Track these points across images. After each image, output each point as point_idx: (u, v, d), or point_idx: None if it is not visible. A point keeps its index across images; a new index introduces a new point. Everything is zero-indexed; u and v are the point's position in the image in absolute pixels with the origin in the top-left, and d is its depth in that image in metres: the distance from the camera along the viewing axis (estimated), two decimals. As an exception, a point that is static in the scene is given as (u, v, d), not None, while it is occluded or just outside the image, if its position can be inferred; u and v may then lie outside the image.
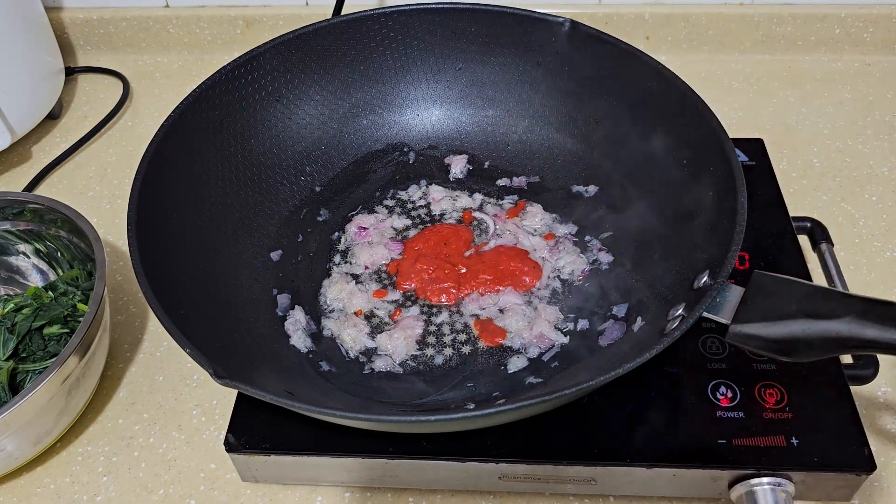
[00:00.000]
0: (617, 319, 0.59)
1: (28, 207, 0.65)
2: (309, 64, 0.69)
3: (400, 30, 0.70)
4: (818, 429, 0.52)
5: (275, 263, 0.65)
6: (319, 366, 0.58)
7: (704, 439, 0.52)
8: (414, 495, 0.56)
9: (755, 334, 0.46)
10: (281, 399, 0.43)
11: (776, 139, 0.82)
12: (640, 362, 0.43)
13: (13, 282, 0.69)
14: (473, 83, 0.73)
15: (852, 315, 0.43)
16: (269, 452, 0.53)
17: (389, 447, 0.52)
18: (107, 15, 0.99)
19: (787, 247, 0.63)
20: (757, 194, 0.67)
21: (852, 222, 0.74)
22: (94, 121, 0.91)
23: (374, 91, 0.73)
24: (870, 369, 0.57)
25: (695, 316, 0.45)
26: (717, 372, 0.55)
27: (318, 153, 0.71)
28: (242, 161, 0.66)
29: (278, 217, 0.68)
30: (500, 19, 0.69)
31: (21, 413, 0.53)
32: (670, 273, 0.56)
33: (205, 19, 0.98)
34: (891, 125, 0.84)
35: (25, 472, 0.59)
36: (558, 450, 0.52)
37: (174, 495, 0.57)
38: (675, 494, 0.54)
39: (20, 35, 0.84)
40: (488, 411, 0.42)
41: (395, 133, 0.74)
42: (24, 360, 0.61)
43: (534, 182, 0.71)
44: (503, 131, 0.73)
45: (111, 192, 0.83)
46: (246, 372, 0.52)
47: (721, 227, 0.51)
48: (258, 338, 0.58)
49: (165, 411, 0.63)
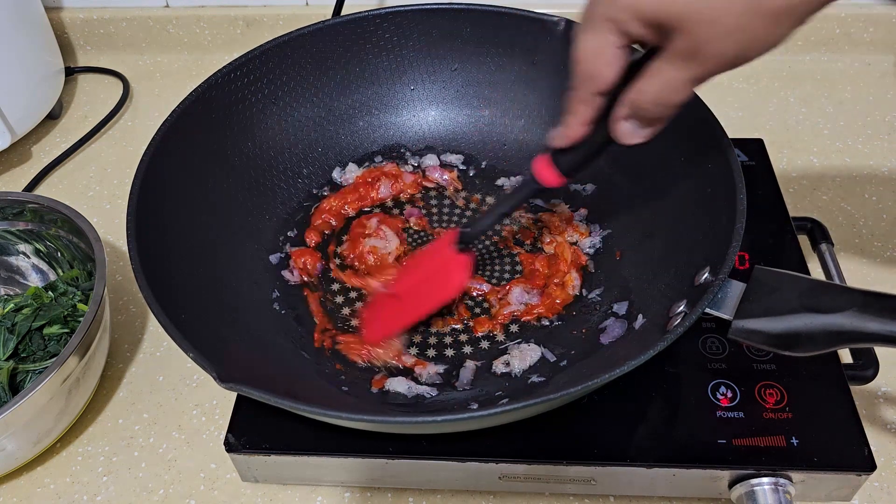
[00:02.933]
0: (618, 317, 0.59)
1: (28, 207, 0.65)
2: (305, 66, 0.69)
3: (395, 31, 0.70)
4: (818, 429, 0.52)
5: (274, 266, 0.65)
6: (319, 366, 0.58)
7: (704, 439, 0.52)
8: (414, 495, 0.56)
9: (758, 329, 0.46)
10: (285, 402, 0.43)
11: (776, 139, 0.82)
12: (645, 359, 0.44)
13: (13, 282, 0.69)
14: (469, 83, 0.73)
15: (854, 309, 0.43)
16: (269, 452, 0.53)
17: (389, 447, 0.52)
18: (107, 15, 0.99)
19: (787, 247, 0.63)
20: (757, 194, 0.67)
21: (852, 222, 0.74)
22: (94, 121, 0.91)
23: (370, 92, 0.73)
24: (870, 369, 0.57)
25: (697, 312, 0.46)
26: (717, 372, 0.56)
27: (314, 155, 0.71)
28: (240, 163, 0.66)
29: (276, 219, 0.68)
30: (496, 19, 0.69)
31: (21, 413, 0.53)
32: (670, 270, 0.56)
33: (205, 19, 0.98)
34: (891, 125, 0.84)
35: (25, 472, 0.59)
36: (558, 450, 0.52)
37: (174, 495, 0.57)
38: (675, 494, 0.54)
39: (20, 35, 0.83)
40: (493, 411, 0.42)
41: (391, 134, 0.74)
42: (24, 360, 0.61)
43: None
44: (500, 131, 0.73)
45: (111, 192, 0.83)
46: (247, 374, 0.52)
47: (721, 225, 0.51)
48: (258, 339, 0.58)
49: (165, 411, 0.63)
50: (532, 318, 0.60)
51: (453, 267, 0.56)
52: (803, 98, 0.89)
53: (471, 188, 0.72)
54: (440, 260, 0.57)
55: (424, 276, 0.59)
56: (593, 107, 0.44)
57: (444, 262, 0.57)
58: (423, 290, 0.58)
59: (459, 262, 0.56)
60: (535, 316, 0.60)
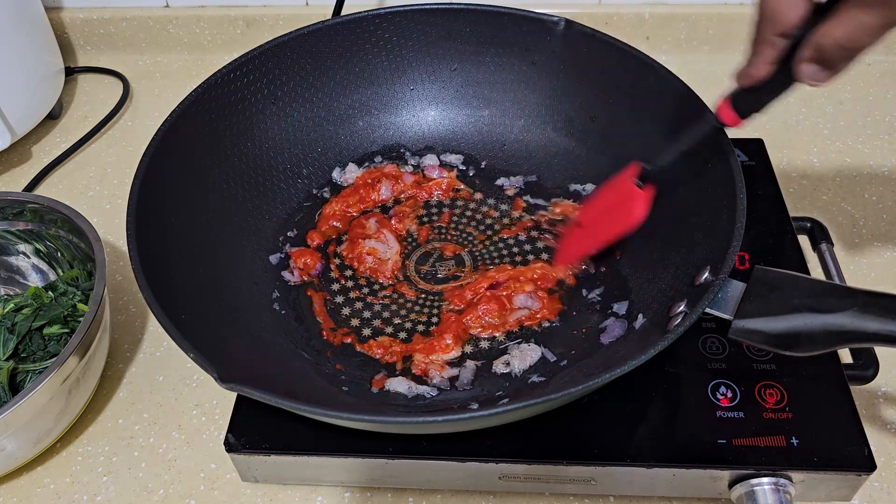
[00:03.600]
0: (618, 317, 0.59)
1: (28, 207, 0.65)
2: (304, 66, 0.69)
3: (395, 31, 0.70)
4: (818, 429, 0.52)
5: (274, 266, 0.65)
6: (319, 366, 0.58)
7: (704, 439, 0.52)
8: (414, 495, 0.56)
9: (758, 329, 0.46)
10: (285, 402, 0.43)
11: (776, 139, 0.82)
12: (645, 359, 0.44)
13: (13, 282, 0.69)
14: (469, 83, 0.73)
15: (854, 309, 0.44)
16: (269, 452, 0.53)
17: (389, 447, 0.52)
18: (107, 15, 0.99)
19: (787, 247, 0.63)
20: (757, 194, 0.67)
21: (852, 222, 0.74)
22: (94, 121, 0.91)
23: (370, 92, 0.73)
24: (870, 369, 0.57)
25: (698, 311, 0.46)
26: (717, 372, 0.55)
27: (314, 155, 0.71)
28: (240, 163, 0.66)
29: (276, 219, 0.68)
30: (495, 19, 0.69)
31: (21, 413, 0.53)
32: (670, 270, 0.57)
33: (205, 19, 0.98)
34: (891, 125, 0.84)
35: (25, 472, 0.59)
36: (558, 450, 0.52)
37: (174, 495, 0.57)
38: (675, 494, 0.54)
39: (20, 35, 0.83)
40: (493, 411, 0.42)
41: (391, 134, 0.74)
42: (24, 360, 0.61)
43: (531, 181, 0.71)
44: (499, 131, 0.73)
45: (111, 192, 0.83)
46: (247, 374, 0.52)
47: (721, 225, 0.51)
48: (258, 339, 0.58)
49: (165, 411, 0.63)
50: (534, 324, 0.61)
51: (633, 199, 0.57)
52: (803, 98, 0.89)
53: (470, 189, 0.72)
54: (621, 192, 0.59)
55: (606, 206, 0.61)
56: (776, 47, 0.44)
57: (624, 194, 0.58)
58: (604, 220, 0.61)
59: (639, 195, 0.57)
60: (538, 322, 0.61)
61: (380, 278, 0.65)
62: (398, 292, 0.64)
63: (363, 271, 0.65)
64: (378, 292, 0.64)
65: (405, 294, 0.64)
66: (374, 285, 0.64)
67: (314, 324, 0.61)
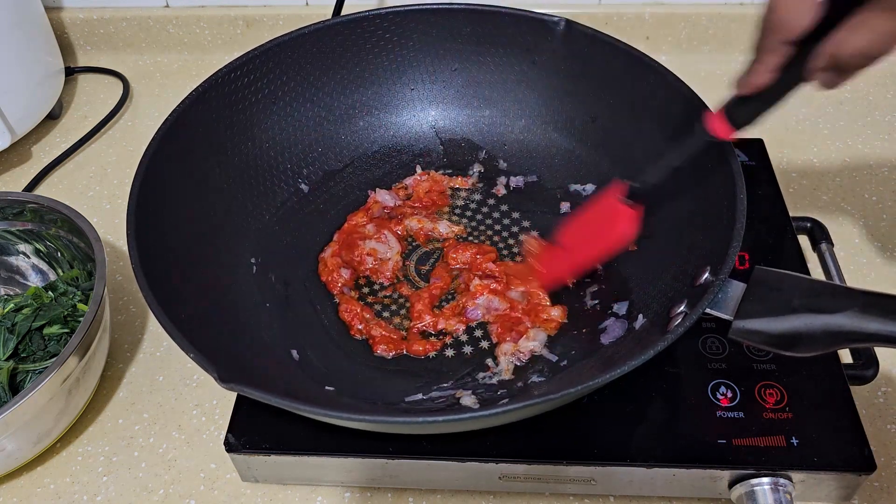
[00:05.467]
0: (618, 317, 0.59)
1: (28, 207, 0.65)
2: (305, 66, 0.69)
3: (395, 31, 0.70)
4: (818, 429, 0.52)
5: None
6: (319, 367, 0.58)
7: (704, 439, 0.52)
8: (414, 495, 0.56)
9: (758, 329, 0.46)
10: (285, 402, 0.43)
11: (776, 139, 0.82)
12: (645, 359, 0.44)
13: (13, 282, 0.69)
14: (470, 83, 0.73)
15: (855, 309, 0.43)
16: (269, 452, 0.53)
17: (389, 447, 0.52)
18: (107, 15, 0.99)
19: (787, 247, 0.63)
20: (757, 194, 0.67)
21: (852, 222, 0.74)
22: (94, 121, 0.91)
23: (371, 92, 0.73)
24: (870, 369, 0.57)
25: (698, 312, 0.46)
26: (717, 372, 0.55)
27: (314, 155, 0.71)
28: (240, 163, 0.66)
29: (276, 220, 0.68)
30: (496, 19, 0.69)
31: (21, 413, 0.53)
32: (671, 270, 0.57)
33: (205, 19, 0.98)
34: (891, 125, 0.84)
35: (25, 472, 0.59)
36: (558, 450, 0.52)
37: (174, 495, 0.57)
38: (675, 494, 0.54)
39: (20, 35, 0.83)
40: (493, 411, 0.42)
41: (391, 134, 0.74)
42: (24, 360, 0.61)
43: (531, 181, 0.71)
44: (500, 131, 0.73)
45: (111, 192, 0.83)
46: (247, 374, 0.52)
47: (721, 225, 0.51)
48: (258, 339, 0.58)
49: (165, 411, 0.63)
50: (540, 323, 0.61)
51: (620, 218, 0.56)
52: (803, 98, 0.88)
53: (470, 188, 0.72)
54: (606, 211, 0.58)
55: (591, 226, 0.60)
56: (781, 55, 0.44)
57: (610, 213, 0.57)
58: (590, 240, 0.60)
59: (626, 214, 0.56)
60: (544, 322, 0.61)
61: (380, 279, 0.65)
62: (398, 293, 0.64)
63: (363, 272, 0.65)
64: (378, 292, 0.64)
65: (405, 294, 0.64)
66: (375, 285, 0.64)
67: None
